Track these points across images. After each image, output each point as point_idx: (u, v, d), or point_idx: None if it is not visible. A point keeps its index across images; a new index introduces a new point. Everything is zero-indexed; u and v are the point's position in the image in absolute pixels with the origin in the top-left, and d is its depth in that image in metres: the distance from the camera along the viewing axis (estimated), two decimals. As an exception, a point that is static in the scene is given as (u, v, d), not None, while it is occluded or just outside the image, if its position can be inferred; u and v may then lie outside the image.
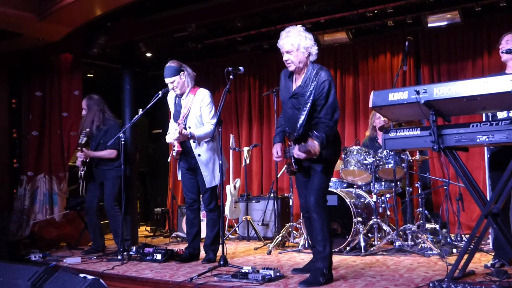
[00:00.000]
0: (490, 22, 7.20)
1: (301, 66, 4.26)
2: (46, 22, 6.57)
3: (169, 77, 5.31)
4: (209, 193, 5.39)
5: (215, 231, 5.42)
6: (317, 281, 4.04)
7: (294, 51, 4.21)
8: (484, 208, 3.77)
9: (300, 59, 4.23)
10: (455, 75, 7.43)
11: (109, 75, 9.49)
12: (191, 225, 5.56)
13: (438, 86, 3.70)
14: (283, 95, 4.46)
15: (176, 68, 5.34)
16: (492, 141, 3.63)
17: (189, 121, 5.31)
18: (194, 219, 5.54)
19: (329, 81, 4.16)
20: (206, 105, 5.31)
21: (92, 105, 6.44)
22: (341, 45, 8.13)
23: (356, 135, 8.10)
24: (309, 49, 4.23)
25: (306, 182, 4.38)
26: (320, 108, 4.17)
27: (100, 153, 6.34)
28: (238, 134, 9.28)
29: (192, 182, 5.48)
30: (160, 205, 9.71)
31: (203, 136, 5.21)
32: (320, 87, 4.15)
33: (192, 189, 5.49)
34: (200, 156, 5.29)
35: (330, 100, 4.16)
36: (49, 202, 7.69)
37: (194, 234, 5.55)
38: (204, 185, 5.36)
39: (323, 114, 4.16)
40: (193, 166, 5.40)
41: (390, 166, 5.98)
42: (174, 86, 5.33)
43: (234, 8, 6.80)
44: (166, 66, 5.37)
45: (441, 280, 3.70)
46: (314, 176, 4.27)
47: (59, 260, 5.76)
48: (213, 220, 5.44)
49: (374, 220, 5.85)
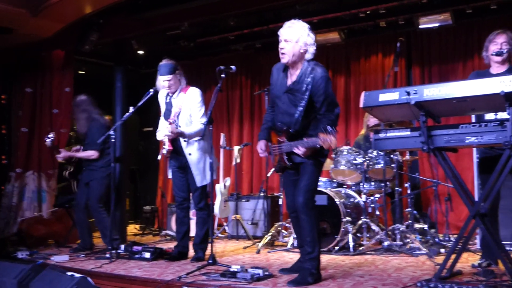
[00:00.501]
0: (481, 24, 7.24)
1: (293, 60, 4.24)
2: (38, 18, 6.52)
3: (166, 74, 5.28)
4: (199, 192, 5.38)
5: (204, 229, 5.41)
6: (306, 281, 4.04)
7: (292, 42, 4.20)
8: (472, 208, 3.80)
9: (295, 52, 4.21)
10: (446, 76, 7.48)
11: (100, 72, 9.45)
12: (180, 223, 5.55)
13: (429, 87, 3.73)
14: (276, 89, 4.42)
15: (173, 66, 5.33)
16: (481, 142, 3.66)
17: (180, 120, 5.30)
18: (184, 217, 5.53)
19: (326, 77, 4.18)
20: (197, 103, 5.30)
21: (74, 107, 6.47)
22: (334, 45, 8.15)
23: (346, 135, 8.12)
24: (308, 46, 4.23)
25: (295, 181, 4.37)
26: (320, 104, 4.17)
27: (79, 154, 6.35)
28: (229, 133, 9.27)
29: (183, 180, 5.47)
30: (149, 203, 9.68)
31: (192, 134, 5.20)
32: (317, 82, 4.15)
33: (182, 187, 5.48)
34: (191, 155, 5.28)
35: (329, 95, 4.19)
36: (37, 199, 7.63)
37: (183, 233, 5.54)
38: (194, 184, 5.35)
39: (324, 110, 4.17)
40: (184, 165, 5.38)
41: (380, 166, 6.01)
42: (170, 84, 5.31)
43: (227, 6, 6.79)
44: (162, 64, 5.35)
45: (429, 279, 3.72)
46: (303, 176, 4.26)
47: (47, 258, 5.72)
48: (203, 218, 5.44)
49: (363, 220, 5.87)
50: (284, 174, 4.49)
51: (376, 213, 6.31)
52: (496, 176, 3.69)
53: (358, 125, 7.92)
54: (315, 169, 4.26)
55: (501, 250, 3.80)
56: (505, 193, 5.19)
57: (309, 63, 4.25)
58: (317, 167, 4.28)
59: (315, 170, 4.26)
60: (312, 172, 4.24)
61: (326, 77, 4.19)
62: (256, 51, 8.81)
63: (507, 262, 3.70)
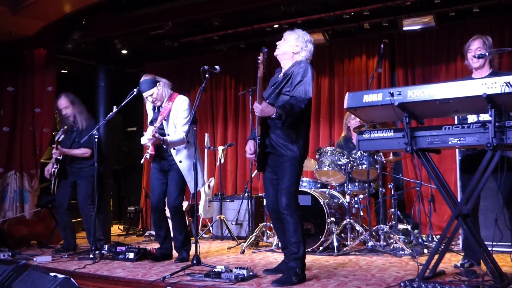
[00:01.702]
0: (464, 27, 7.32)
1: (284, 56, 4.39)
2: (19, 16, 6.47)
3: (147, 90, 5.22)
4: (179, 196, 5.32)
5: (183, 233, 5.35)
6: (290, 281, 4.05)
7: (287, 41, 4.40)
8: (455, 209, 3.84)
9: (286, 50, 4.38)
10: (429, 78, 7.55)
11: (83, 72, 9.39)
12: (159, 227, 5.49)
13: (412, 88, 3.75)
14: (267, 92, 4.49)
15: (152, 80, 5.26)
16: (464, 143, 3.70)
17: (168, 129, 5.24)
18: (161, 221, 5.44)
19: (305, 67, 4.26)
20: (183, 111, 5.24)
21: (75, 102, 6.38)
22: (318, 46, 8.05)
23: (330, 135, 8.15)
24: (302, 48, 4.41)
25: (274, 180, 4.38)
26: (293, 88, 4.22)
27: (75, 151, 6.28)
28: (213, 133, 9.27)
29: (161, 184, 5.38)
30: (133, 204, 9.65)
31: (175, 142, 5.15)
32: (296, 70, 4.25)
33: (160, 191, 5.38)
34: (182, 163, 5.22)
35: (304, 80, 4.21)
36: (19, 199, 7.58)
37: (163, 236, 5.49)
38: (172, 187, 5.29)
39: (296, 92, 4.20)
40: (166, 169, 5.34)
41: (364, 167, 6.05)
42: (154, 99, 5.26)
43: (211, 6, 6.80)
44: (141, 81, 5.28)
45: (412, 279, 3.75)
46: (283, 177, 4.24)
47: (29, 259, 5.65)
48: (179, 223, 5.36)
49: (347, 220, 5.90)
50: (264, 174, 4.48)
51: (360, 214, 6.35)
52: (478, 177, 3.73)
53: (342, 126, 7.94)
54: (293, 168, 4.23)
55: (483, 250, 3.85)
56: (487, 194, 5.28)
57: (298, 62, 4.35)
58: (295, 166, 4.25)
59: (294, 169, 4.24)
60: (291, 171, 4.22)
61: (307, 66, 4.28)
62: (241, 51, 8.82)
63: (488, 262, 3.75)
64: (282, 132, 4.22)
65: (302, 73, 4.22)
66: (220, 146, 7.99)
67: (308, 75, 4.23)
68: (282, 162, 4.26)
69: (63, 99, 6.38)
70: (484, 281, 3.74)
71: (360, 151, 6.04)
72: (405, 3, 6.85)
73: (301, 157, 4.29)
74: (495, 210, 4.83)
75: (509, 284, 3.60)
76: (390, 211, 6.31)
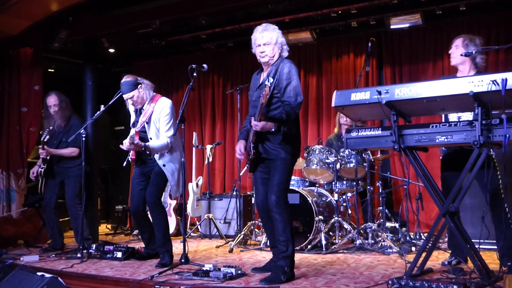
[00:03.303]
0: (450, 25, 7.35)
1: (274, 60, 4.37)
2: (5, 15, 6.41)
3: (127, 92, 5.08)
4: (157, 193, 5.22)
5: (162, 231, 5.17)
6: (278, 279, 4.05)
7: (271, 44, 4.33)
8: (442, 207, 3.85)
9: (275, 53, 4.35)
10: (416, 76, 7.57)
11: (70, 70, 9.33)
12: (141, 231, 5.46)
13: (400, 87, 3.77)
14: (251, 93, 4.52)
15: (133, 82, 5.09)
16: (451, 141, 3.72)
17: (150, 132, 5.12)
18: (143, 225, 5.37)
19: (289, 67, 4.25)
20: (164, 115, 5.07)
21: (62, 101, 6.32)
22: (305, 44, 8.18)
23: (319, 134, 8.16)
24: (283, 46, 4.39)
25: (265, 180, 4.39)
26: (283, 91, 4.22)
27: (63, 151, 6.23)
28: (201, 131, 9.24)
29: (140, 191, 5.26)
30: (121, 203, 9.58)
31: (157, 148, 5.03)
32: (281, 72, 4.23)
33: (138, 197, 5.27)
34: (165, 167, 5.11)
35: (293, 83, 4.22)
36: (6, 199, 7.51)
37: (148, 238, 5.44)
38: (151, 186, 5.18)
39: (286, 96, 4.21)
40: (147, 172, 5.24)
41: (352, 165, 6.06)
42: (134, 101, 5.14)
43: (198, 5, 6.78)
44: (122, 82, 5.13)
45: (400, 277, 3.76)
46: (274, 174, 4.26)
47: (16, 258, 5.62)
48: (158, 220, 5.21)
49: (336, 218, 5.91)
50: (256, 172, 4.48)
51: (348, 212, 6.35)
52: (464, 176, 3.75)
53: (330, 124, 7.98)
54: (285, 167, 4.26)
55: (470, 247, 3.86)
56: (474, 192, 5.30)
57: (280, 60, 4.35)
58: (286, 165, 4.27)
59: (285, 168, 4.27)
60: (282, 170, 4.25)
61: (291, 67, 4.26)
62: (228, 50, 8.79)
63: (475, 259, 3.77)
64: (276, 137, 4.24)
65: (289, 74, 4.23)
66: (208, 145, 7.97)
67: (295, 76, 4.25)
68: (274, 162, 4.28)
69: (53, 96, 6.33)
70: (471, 278, 3.76)
71: (348, 149, 6.04)
72: (392, 2, 6.86)
73: (292, 157, 4.32)
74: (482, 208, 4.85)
75: (496, 281, 3.62)
76: (378, 209, 6.33)
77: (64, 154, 6.23)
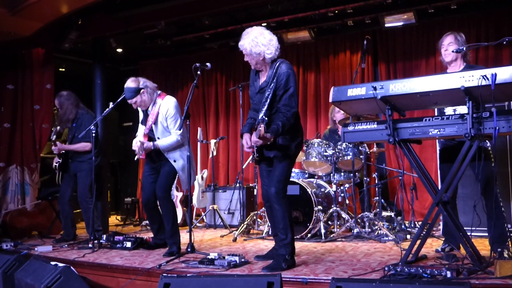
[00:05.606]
0: (442, 23, 7.32)
1: (258, 67, 4.32)
2: (18, 17, 6.40)
3: (129, 98, 5.08)
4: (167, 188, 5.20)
5: (171, 223, 5.16)
6: (280, 266, 4.05)
7: (247, 55, 4.26)
8: (435, 196, 3.84)
9: (256, 61, 4.27)
10: (410, 72, 7.55)
11: (80, 70, 9.33)
12: (151, 221, 5.45)
13: (394, 82, 3.76)
14: (251, 91, 4.49)
15: (135, 89, 5.05)
16: (443, 134, 3.71)
17: (158, 132, 5.12)
18: (153, 216, 5.37)
19: (288, 73, 4.17)
20: (171, 116, 5.07)
21: (63, 102, 6.28)
22: (304, 43, 8.16)
23: (317, 128, 8.15)
24: (262, 53, 4.19)
25: (269, 172, 4.39)
26: (279, 98, 4.19)
27: (74, 146, 6.22)
28: (206, 127, 9.24)
29: (151, 183, 5.24)
30: (130, 195, 9.59)
31: (167, 146, 5.04)
32: (280, 78, 4.17)
33: (149, 189, 5.24)
34: (176, 162, 5.10)
35: (290, 90, 4.17)
36: (20, 192, 7.53)
37: (157, 229, 5.44)
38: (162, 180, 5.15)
39: (282, 104, 4.18)
40: (157, 167, 5.23)
41: (349, 157, 6.05)
42: (137, 105, 5.15)
43: (202, 6, 6.76)
44: (125, 88, 5.10)
45: (396, 264, 3.76)
46: (275, 168, 4.28)
47: (31, 249, 5.63)
48: (167, 212, 5.19)
49: (334, 208, 5.91)
50: (261, 165, 4.49)
51: (346, 202, 6.36)
52: (457, 167, 3.74)
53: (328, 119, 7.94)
54: (285, 162, 4.27)
55: (462, 235, 3.86)
56: (466, 182, 5.30)
57: (276, 62, 4.26)
58: (287, 161, 4.28)
59: (286, 163, 4.28)
60: (283, 165, 4.26)
61: (289, 73, 4.17)
62: (230, 49, 8.77)
63: (468, 246, 3.76)
64: (279, 139, 4.24)
65: (287, 82, 4.16)
66: (212, 140, 7.97)
67: (293, 83, 4.18)
68: (276, 157, 4.28)
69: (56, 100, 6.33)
70: (463, 264, 3.76)
71: (345, 143, 6.04)
72: (386, 1, 6.85)
73: (295, 153, 4.33)
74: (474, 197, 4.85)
75: (487, 267, 3.62)
76: (374, 199, 6.32)
77: (76, 149, 6.22)
